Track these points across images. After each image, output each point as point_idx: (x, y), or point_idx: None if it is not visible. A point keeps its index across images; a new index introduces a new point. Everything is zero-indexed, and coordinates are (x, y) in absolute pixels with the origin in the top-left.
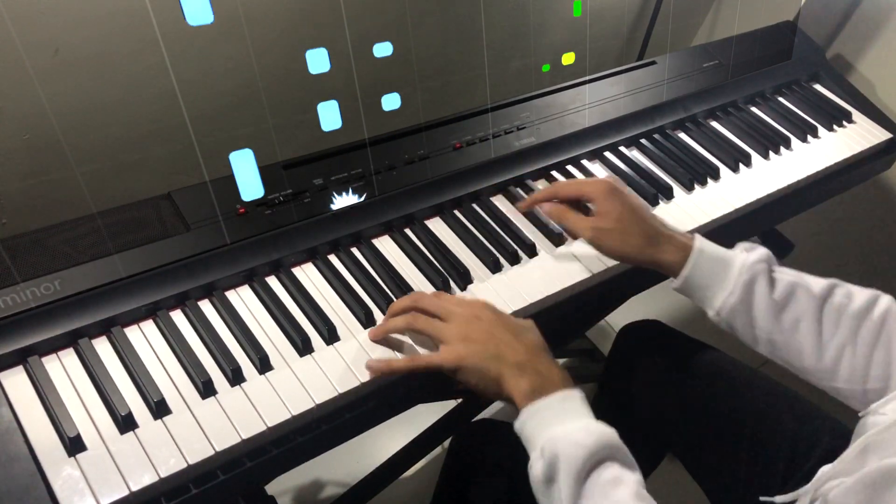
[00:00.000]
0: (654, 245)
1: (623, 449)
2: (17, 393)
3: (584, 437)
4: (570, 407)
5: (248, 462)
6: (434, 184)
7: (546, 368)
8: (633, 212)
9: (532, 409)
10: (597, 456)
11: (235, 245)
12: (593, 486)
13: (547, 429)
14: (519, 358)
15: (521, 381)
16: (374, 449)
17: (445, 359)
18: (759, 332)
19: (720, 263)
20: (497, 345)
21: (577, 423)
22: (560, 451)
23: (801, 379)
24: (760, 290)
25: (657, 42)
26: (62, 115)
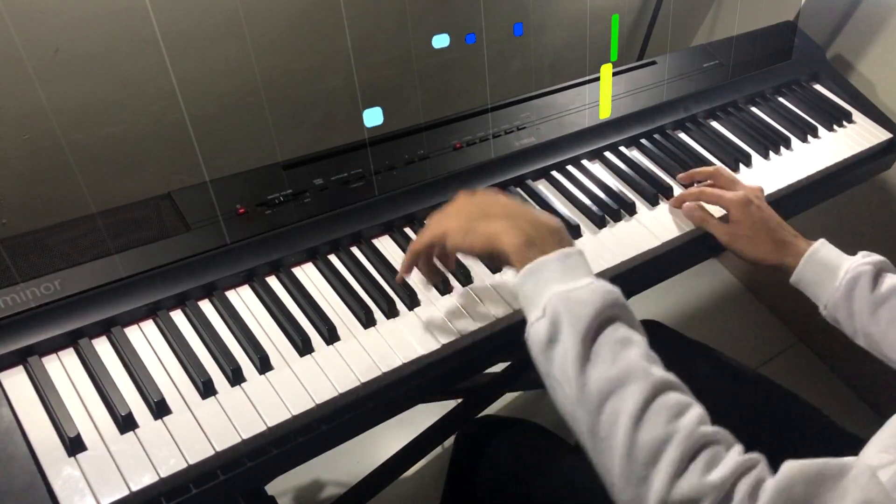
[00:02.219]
0: (780, 251)
1: (628, 308)
2: (17, 393)
3: (588, 295)
4: (571, 264)
5: (248, 462)
6: (434, 184)
7: (540, 219)
8: (763, 223)
9: (531, 267)
10: (603, 315)
11: (235, 245)
12: (601, 346)
13: (548, 287)
14: (508, 210)
15: (513, 233)
16: (374, 449)
17: (430, 229)
18: (859, 326)
19: (829, 266)
20: (480, 205)
21: (581, 282)
22: (564, 309)
23: (800, 380)
24: (862, 287)
25: (657, 42)
26: (62, 115)
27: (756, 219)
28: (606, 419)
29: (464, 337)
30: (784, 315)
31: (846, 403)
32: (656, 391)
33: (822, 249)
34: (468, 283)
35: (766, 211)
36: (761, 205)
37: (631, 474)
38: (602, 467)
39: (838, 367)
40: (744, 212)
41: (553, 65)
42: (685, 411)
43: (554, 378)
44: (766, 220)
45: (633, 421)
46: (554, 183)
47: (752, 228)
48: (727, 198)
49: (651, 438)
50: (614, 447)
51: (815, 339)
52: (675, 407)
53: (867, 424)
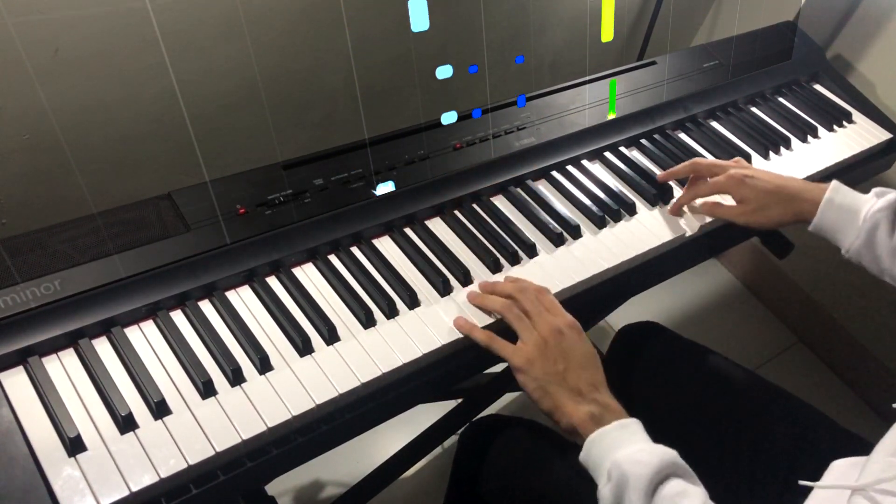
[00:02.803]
0: (794, 206)
1: (685, 466)
2: (17, 393)
3: (647, 456)
4: (630, 433)
5: (248, 462)
6: (434, 184)
7: (605, 401)
8: (764, 190)
9: (595, 437)
10: (662, 473)
11: (235, 245)
12: (661, 499)
13: (611, 453)
14: (580, 386)
15: (581, 407)
16: (374, 449)
17: (516, 357)
18: (885, 268)
19: (848, 210)
20: (565, 367)
21: (638, 446)
22: (626, 471)
23: (800, 380)
24: (882, 233)
25: (657, 42)
26: (62, 115)
27: (758, 189)
28: None
29: (464, 337)
30: (784, 315)
31: (846, 403)
32: None
33: (838, 196)
34: (468, 283)
35: (761, 178)
36: (754, 174)
37: None
38: None
39: (838, 367)
40: (743, 187)
41: (553, 65)
42: None
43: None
44: (765, 185)
45: None
46: (554, 183)
47: (758, 199)
48: (721, 183)
49: None
50: None
51: (815, 339)
52: None
53: (867, 424)
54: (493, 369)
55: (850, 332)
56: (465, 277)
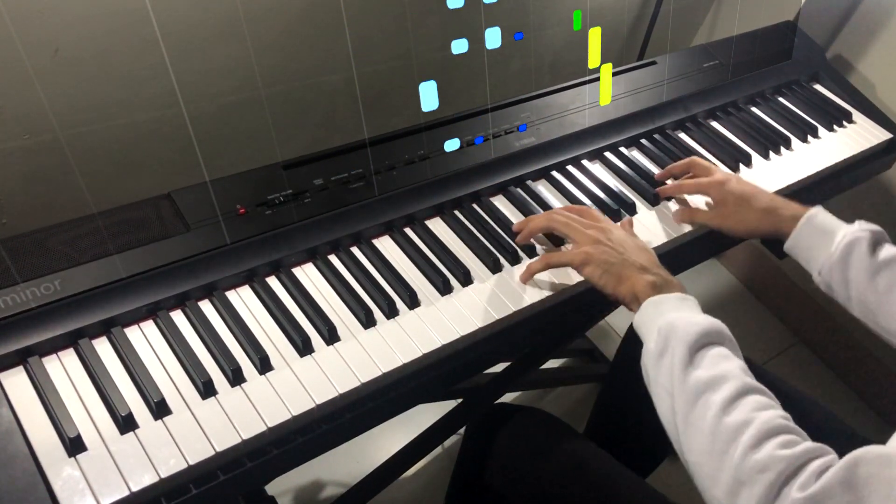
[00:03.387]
0: (771, 218)
1: (733, 341)
2: (17, 393)
3: (700, 319)
4: (688, 304)
5: (248, 462)
6: (434, 184)
7: (667, 276)
8: (744, 195)
9: (654, 300)
10: (709, 336)
11: (235, 245)
12: (703, 356)
13: (666, 314)
14: (643, 262)
15: (645, 277)
16: (374, 449)
17: (576, 254)
18: (854, 293)
19: (826, 230)
20: (624, 251)
21: (693, 313)
22: (677, 327)
23: (800, 380)
24: (859, 252)
25: (657, 42)
26: (62, 115)
27: (737, 193)
28: (700, 407)
29: (464, 337)
30: (784, 315)
31: (846, 403)
32: (747, 391)
33: (819, 215)
34: (468, 284)
35: (745, 185)
36: (740, 179)
37: (713, 450)
38: (686, 448)
39: (838, 367)
40: (723, 190)
41: (553, 65)
42: (770, 408)
43: (660, 385)
44: (746, 192)
45: (722, 407)
46: (554, 183)
47: (736, 204)
48: (705, 183)
49: (735, 420)
50: (702, 428)
51: (815, 339)
52: (761, 402)
53: (867, 424)
54: (494, 369)
55: (850, 332)
56: (465, 277)
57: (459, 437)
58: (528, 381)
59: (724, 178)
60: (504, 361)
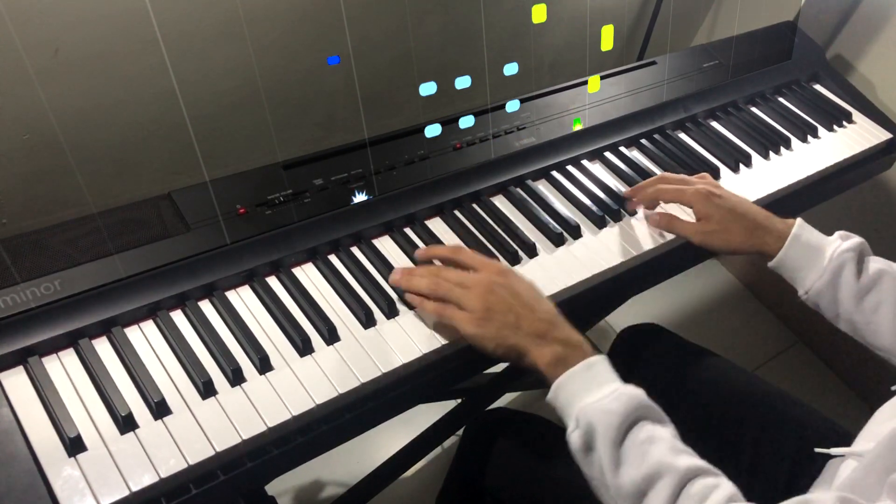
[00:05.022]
0: (756, 236)
1: (652, 407)
2: (17, 393)
3: (614, 403)
4: (595, 373)
5: (248, 462)
6: (434, 184)
7: (566, 336)
8: (730, 212)
9: (561, 382)
10: (629, 419)
11: (235, 245)
12: (629, 448)
13: (578, 399)
14: (539, 327)
15: (544, 350)
16: (374, 449)
17: (466, 324)
18: (842, 312)
19: (813, 249)
20: (516, 315)
21: (605, 389)
22: (593, 419)
23: (800, 380)
24: (847, 275)
25: (657, 42)
26: (62, 115)
27: (723, 209)
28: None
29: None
30: (784, 315)
31: (846, 403)
32: (682, 482)
33: (804, 233)
34: None
35: (730, 199)
36: (723, 193)
37: None
38: None
39: (838, 367)
40: (708, 204)
41: (553, 65)
42: (710, 494)
43: (597, 481)
44: (732, 207)
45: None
46: (554, 183)
47: (721, 220)
48: (688, 194)
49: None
50: None
51: (815, 339)
52: (700, 493)
53: (864, 425)
54: (493, 369)
55: None
56: None
57: (459, 437)
58: (528, 381)
59: (707, 191)
60: (504, 361)
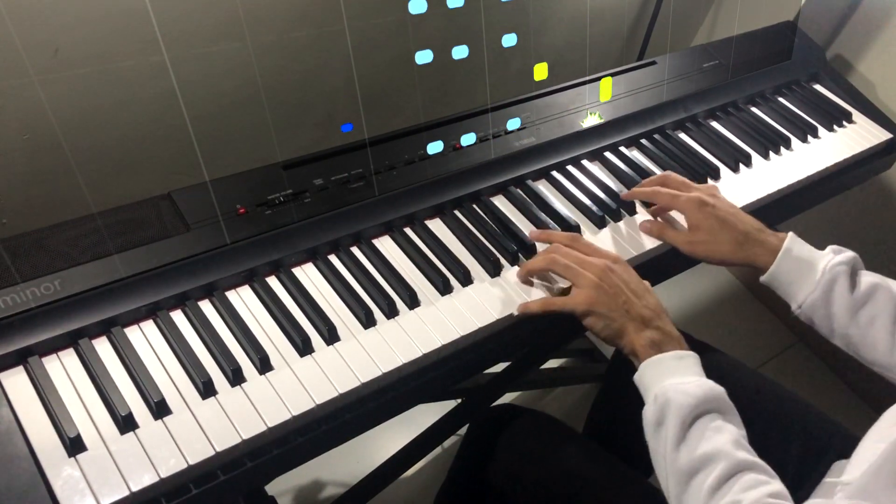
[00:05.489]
0: (746, 249)
1: (731, 406)
2: (17, 393)
3: (694, 388)
4: (685, 364)
5: (248, 462)
6: (434, 184)
7: (667, 328)
8: (721, 222)
9: (652, 361)
10: (704, 406)
11: (235, 245)
12: (696, 430)
13: (662, 379)
14: (644, 314)
15: (644, 333)
16: (374, 449)
17: (578, 303)
18: (836, 327)
19: (805, 263)
20: (626, 299)
21: (690, 377)
22: (671, 398)
23: (800, 380)
24: (841, 288)
25: (657, 42)
26: (62, 115)
27: (713, 219)
28: (692, 491)
29: (464, 337)
30: (784, 315)
31: (846, 403)
32: (736, 470)
33: (795, 246)
34: (468, 284)
35: (722, 209)
36: (717, 203)
37: None
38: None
39: (838, 367)
40: (699, 213)
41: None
42: (758, 486)
43: (659, 454)
44: (723, 218)
45: (710, 492)
46: (554, 183)
47: (710, 231)
48: (681, 200)
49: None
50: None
51: (815, 339)
52: (749, 482)
53: (867, 424)
54: (494, 369)
55: None
56: (465, 277)
57: (459, 437)
58: (528, 381)
59: (700, 199)
60: (504, 361)
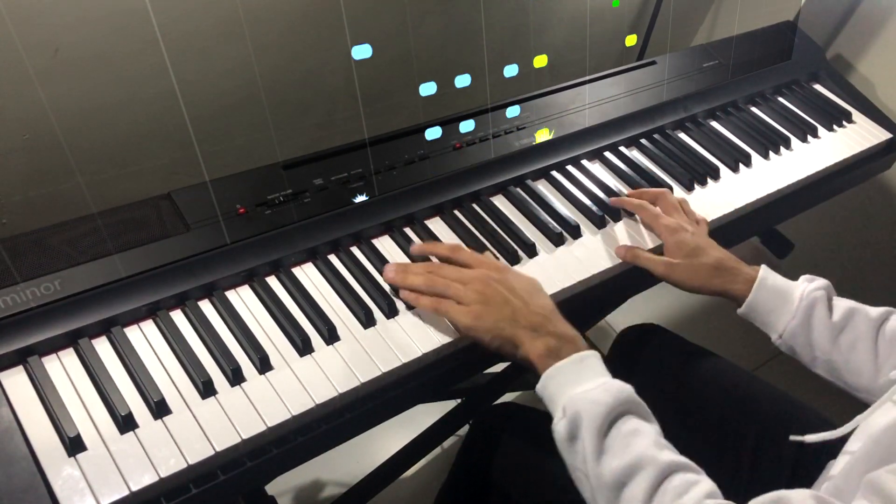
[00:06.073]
0: (721, 277)
1: (640, 403)
2: (17, 393)
3: (602, 394)
4: (586, 367)
5: (248, 462)
6: (434, 184)
7: (560, 330)
8: (698, 249)
9: (551, 372)
10: (616, 411)
11: (235, 245)
12: (614, 438)
13: (567, 389)
14: (533, 320)
15: (537, 343)
16: (374, 449)
17: (463, 316)
18: (818, 354)
19: (781, 292)
20: (512, 309)
21: (594, 382)
22: (580, 409)
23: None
24: (819, 314)
25: (657, 42)
26: (62, 115)
27: (691, 245)
28: (623, 503)
29: (464, 337)
30: None
31: (846, 404)
32: (663, 475)
33: (770, 276)
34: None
35: (701, 238)
36: (696, 230)
37: None
38: None
39: None
40: (675, 238)
41: (553, 65)
42: (689, 489)
43: (578, 470)
44: (700, 246)
45: (644, 501)
46: (554, 183)
47: (687, 256)
48: (661, 223)
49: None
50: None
51: None
52: (680, 486)
53: None
54: (493, 369)
55: None
56: None
57: (459, 437)
58: (528, 381)
59: (679, 225)
60: (504, 361)
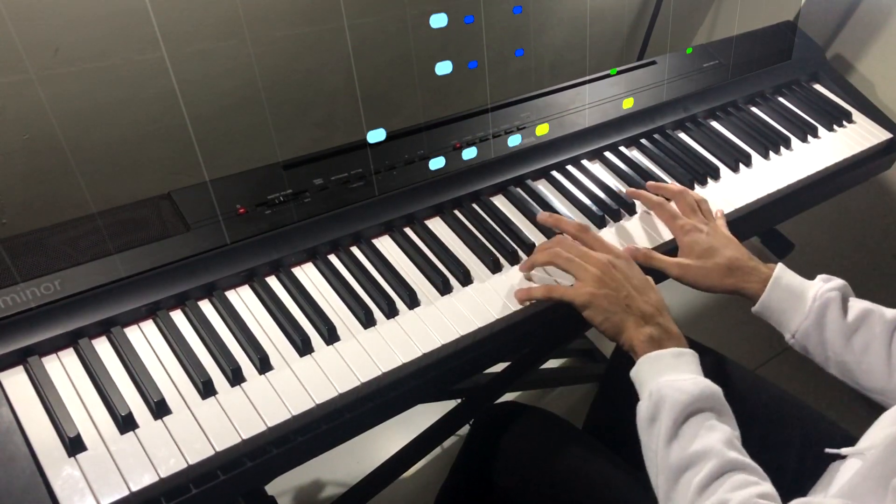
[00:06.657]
0: (734, 276)
1: (724, 405)
2: (17, 393)
3: (690, 385)
4: (683, 361)
5: (248, 462)
6: (434, 184)
7: (667, 325)
8: (711, 249)
9: (649, 357)
10: (698, 404)
11: (235, 245)
12: (689, 428)
13: (657, 376)
14: (645, 310)
15: (643, 329)
16: (374, 449)
17: (578, 294)
18: (831, 354)
19: (796, 291)
20: (628, 295)
21: (686, 374)
22: (665, 394)
23: (800, 380)
24: (833, 314)
25: (657, 42)
26: (62, 115)
27: (704, 246)
28: (680, 488)
29: (464, 337)
30: None
31: (846, 405)
32: (726, 469)
33: (785, 275)
34: (468, 283)
35: (715, 237)
36: (711, 230)
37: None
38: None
39: None
40: (689, 238)
41: (553, 65)
42: (747, 486)
43: (650, 450)
44: (714, 246)
45: (699, 490)
46: (554, 183)
47: (700, 256)
48: (678, 223)
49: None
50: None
51: None
52: (738, 483)
53: (866, 426)
54: (493, 369)
55: None
56: (464, 277)
57: (459, 437)
58: (528, 381)
59: (694, 226)
60: (504, 361)
